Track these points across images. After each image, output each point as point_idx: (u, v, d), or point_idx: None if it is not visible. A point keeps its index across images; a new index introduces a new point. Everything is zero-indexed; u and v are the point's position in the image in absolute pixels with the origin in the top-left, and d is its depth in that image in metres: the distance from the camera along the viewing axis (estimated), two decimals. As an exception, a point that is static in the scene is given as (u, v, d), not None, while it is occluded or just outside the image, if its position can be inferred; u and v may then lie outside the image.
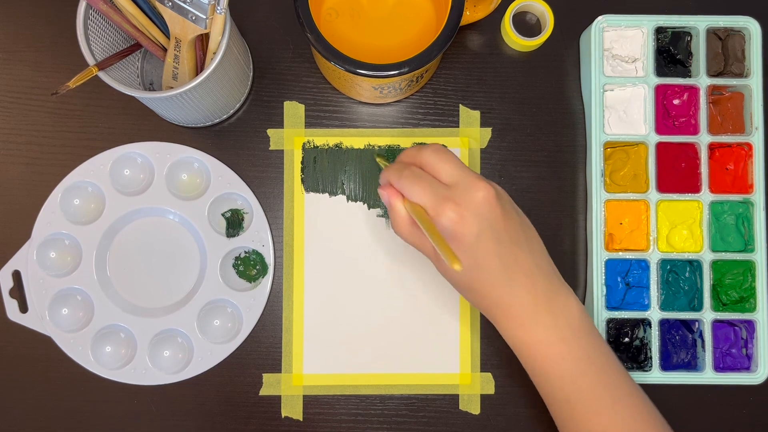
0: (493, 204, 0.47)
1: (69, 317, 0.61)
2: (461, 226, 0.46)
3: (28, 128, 0.63)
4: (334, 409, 0.61)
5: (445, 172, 0.48)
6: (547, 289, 0.49)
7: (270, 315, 0.62)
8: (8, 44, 0.63)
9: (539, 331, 0.48)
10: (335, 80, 0.61)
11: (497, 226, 0.47)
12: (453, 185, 0.47)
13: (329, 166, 0.62)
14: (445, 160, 0.48)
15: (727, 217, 0.61)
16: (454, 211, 0.46)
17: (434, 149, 0.49)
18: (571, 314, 0.49)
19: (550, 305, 0.48)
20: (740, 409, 0.61)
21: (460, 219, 0.46)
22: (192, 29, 0.52)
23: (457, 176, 0.48)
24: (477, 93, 0.63)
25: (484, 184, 0.47)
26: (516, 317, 0.49)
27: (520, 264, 0.48)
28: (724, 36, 0.61)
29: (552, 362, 0.49)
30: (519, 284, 0.48)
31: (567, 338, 0.48)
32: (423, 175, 0.48)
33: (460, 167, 0.48)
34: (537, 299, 0.48)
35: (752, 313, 0.60)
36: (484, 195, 0.47)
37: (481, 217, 0.46)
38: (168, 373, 0.60)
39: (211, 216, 0.61)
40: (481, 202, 0.47)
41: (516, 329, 0.49)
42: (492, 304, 0.49)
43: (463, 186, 0.47)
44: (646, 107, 0.61)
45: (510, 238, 0.48)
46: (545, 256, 0.50)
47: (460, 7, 0.53)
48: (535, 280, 0.48)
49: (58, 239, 0.61)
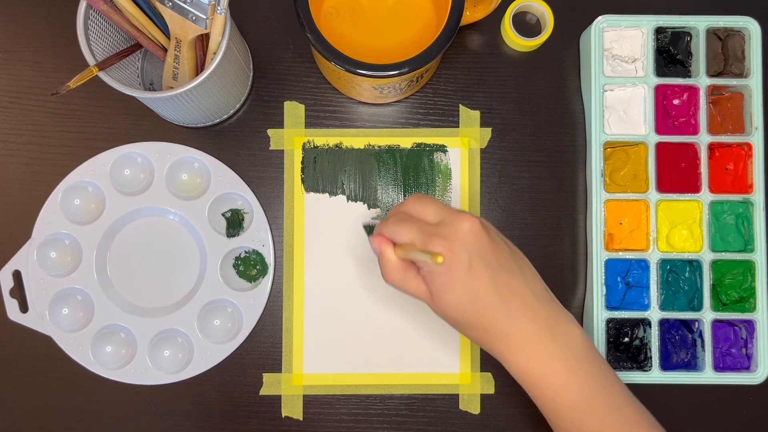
0: (479, 233, 0.47)
1: (69, 317, 0.61)
2: (451, 258, 0.46)
3: (28, 128, 0.63)
4: (334, 408, 0.61)
5: (430, 212, 0.49)
6: (548, 316, 0.48)
7: (270, 315, 0.62)
8: (8, 44, 0.63)
9: (545, 362, 0.48)
10: (335, 80, 0.61)
11: (487, 255, 0.47)
12: (439, 223, 0.48)
13: (329, 166, 0.63)
14: (427, 202, 0.50)
15: (726, 217, 0.61)
16: (443, 245, 0.46)
17: (415, 197, 0.50)
18: (574, 341, 0.48)
19: (552, 333, 0.48)
20: (740, 409, 0.61)
21: (449, 251, 0.46)
22: (192, 29, 0.52)
23: (441, 214, 0.48)
24: (477, 93, 0.63)
25: (468, 215, 0.48)
26: (520, 349, 0.48)
27: (516, 292, 0.48)
28: (724, 36, 0.61)
29: (559, 391, 0.48)
30: (518, 313, 0.48)
31: (572, 366, 0.48)
32: (409, 218, 0.49)
33: (442, 206, 0.49)
34: (539, 328, 0.48)
35: (752, 313, 0.60)
36: (470, 225, 0.47)
37: (469, 246, 0.47)
38: (168, 373, 0.60)
39: (211, 216, 0.61)
40: (468, 232, 0.47)
41: (521, 361, 0.48)
42: (494, 338, 0.49)
43: (449, 221, 0.48)
44: (646, 107, 0.61)
45: (501, 266, 0.48)
46: (540, 284, 0.50)
47: (460, 7, 0.53)
48: (534, 308, 0.48)
49: (58, 239, 0.61)
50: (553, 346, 0.48)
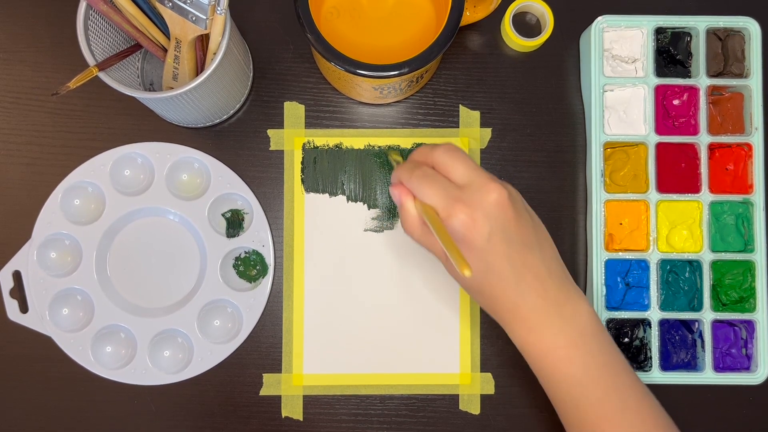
0: (505, 206, 0.46)
1: (69, 317, 0.61)
2: (472, 229, 0.46)
3: (28, 128, 0.63)
4: (334, 409, 0.61)
5: (458, 172, 0.47)
6: (558, 293, 0.48)
7: (270, 315, 0.62)
8: (8, 44, 0.63)
9: (548, 335, 0.48)
10: (335, 80, 0.61)
11: (509, 229, 0.47)
12: (465, 186, 0.47)
13: (329, 166, 0.63)
14: (457, 160, 0.48)
15: (726, 217, 0.61)
16: (465, 213, 0.46)
17: (447, 149, 0.48)
18: (581, 319, 0.48)
19: (560, 309, 0.48)
20: (740, 409, 0.61)
21: (471, 221, 0.46)
22: (192, 30, 0.52)
23: (470, 177, 0.47)
24: (477, 93, 0.63)
25: (496, 185, 0.47)
26: (525, 321, 0.48)
27: (530, 267, 0.47)
28: (724, 36, 0.61)
29: (561, 366, 0.48)
30: (529, 287, 0.47)
31: (576, 342, 0.48)
32: (434, 176, 0.48)
33: (473, 168, 0.48)
34: (547, 303, 0.48)
35: (752, 313, 0.60)
36: (497, 197, 0.46)
37: (492, 219, 0.46)
38: (168, 373, 0.60)
39: (211, 216, 0.61)
40: (493, 203, 0.46)
41: (525, 333, 0.49)
42: (501, 307, 0.49)
43: (476, 187, 0.47)
44: (646, 107, 0.61)
45: (521, 240, 0.47)
46: (557, 260, 0.50)
47: (460, 8, 0.53)
48: (545, 283, 0.48)
49: (58, 239, 0.61)
50: (558, 321, 0.48)
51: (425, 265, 0.62)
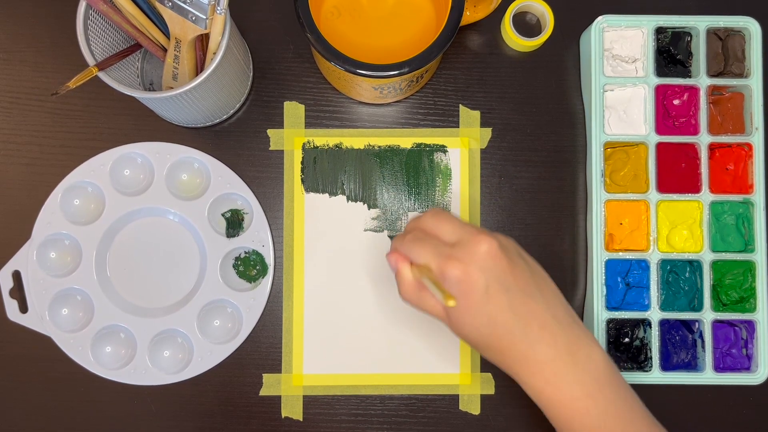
0: (497, 256, 0.46)
1: (69, 317, 0.61)
2: (467, 283, 0.45)
3: (28, 128, 0.63)
4: (334, 409, 0.61)
5: (446, 231, 0.48)
6: (568, 340, 0.47)
7: (270, 315, 0.62)
8: (8, 44, 0.63)
9: (564, 386, 0.47)
10: (335, 80, 0.61)
11: (505, 278, 0.46)
12: (455, 243, 0.47)
13: (329, 166, 0.62)
14: (443, 219, 0.48)
15: (727, 217, 0.60)
16: (459, 268, 0.45)
17: (433, 213, 0.49)
18: (595, 365, 0.47)
19: (573, 358, 0.47)
20: (740, 409, 0.61)
21: (465, 275, 0.45)
22: (192, 29, 0.52)
23: (459, 234, 0.47)
24: (477, 93, 0.63)
25: (486, 237, 0.46)
26: (538, 372, 0.47)
27: (534, 315, 0.47)
28: (724, 36, 0.61)
29: (576, 416, 0.47)
30: (536, 337, 0.47)
31: (593, 392, 0.47)
32: (425, 237, 0.48)
33: (460, 225, 0.48)
34: (558, 353, 0.47)
35: (752, 313, 0.60)
36: (487, 248, 0.46)
37: (486, 270, 0.46)
38: (168, 374, 0.60)
39: (211, 216, 0.61)
40: (485, 255, 0.46)
41: (541, 385, 0.47)
42: (512, 360, 0.48)
43: (465, 242, 0.46)
44: (646, 107, 0.61)
45: (520, 288, 0.47)
46: (562, 305, 0.49)
47: (460, 7, 0.53)
48: (553, 332, 0.47)
49: (58, 239, 0.61)
50: (573, 371, 0.47)
51: (425, 265, 0.62)
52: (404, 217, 0.62)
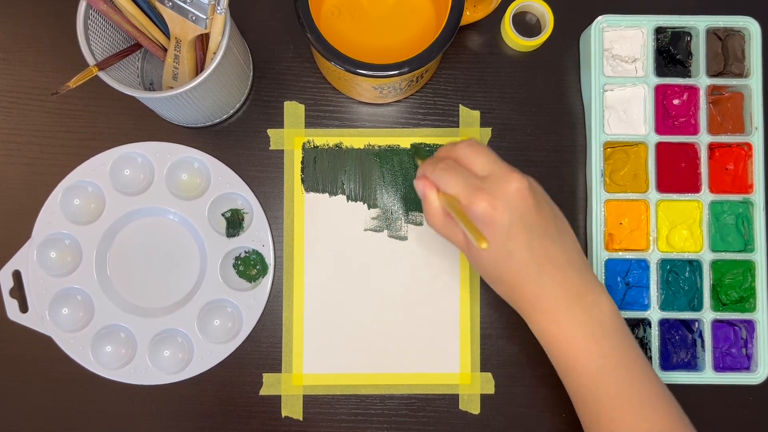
0: (525, 196, 0.47)
1: (69, 317, 0.61)
2: (493, 216, 0.47)
3: (28, 128, 0.63)
4: (334, 408, 0.61)
5: (479, 163, 0.49)
6: (579, 283, 0.49)
7: (270, 315, 0.62)
8: (8, 44, 0.63)
9: (568, 325, 0.48)
10: (335, 80, 0.61)
11: (529, 218, 0.47)
12: (486, 177, 0.48)
13: (329, 166, 0.63)
14: (478, 152, 0.49)
15: (726, 217, 0.61)
16: (486, 200, 0.47)
17: (469, 143, 0.50)
18: (601, 311, 0.49)
19: (580, 300, 0.48)
20: (740, 409, 0.61)
21: (491, 209, 0.47)
22: (192, 29, 0.52)
23: (491, 168, 0.48)
24: (477, 93, 0.63)
25: (517, 175, 0.48)
26: (545, 311, 0.49)
27: (551, 256, 0.48)
28: (724, 36, 0.61)
29: (580, 358, 0.48)
30: (549, 276, 0.48)
31: (596, 334, 0.48)
32: (456, 167, 0.49)
33: (494, 160, 0.49)
34: (568, 293, 0.48)
35: (752, 313, 0.60)
36: (517, 186, 0.47)
37: (512, 207, 0.47)
38: (168, 373, 0.60)
39: (211, 216, 0.61)
40: (514, 193, 0.47)
41: (545, 323, 0.49)
42: (521, 297, 0.49)
43: (497, 177, 0.48)
44: (646, 107, 0.61)
45: (542, 230, 0.48)
46: (578, 251, 0.50)
47: (460, 7, 0.53)
48: (566, 273, 0.48)
49: (58, 239, 0.61)
50: (579, 313, 0.48)
51: (425, 265, 0.62)
52: (404, 217, 0.62)
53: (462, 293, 0.62)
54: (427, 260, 0.62)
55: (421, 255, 0.62)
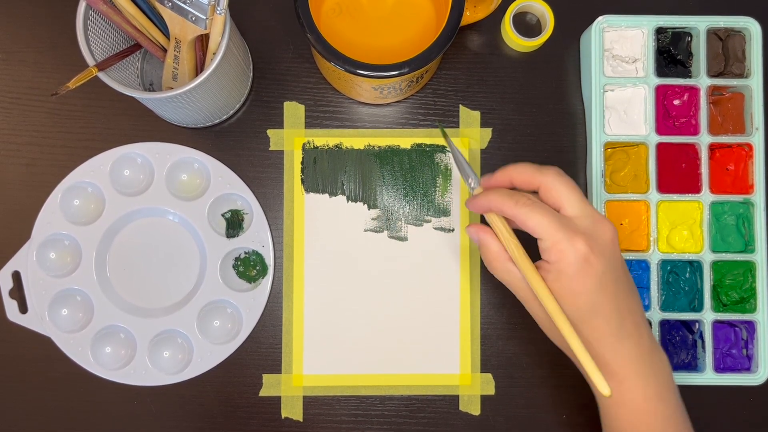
0: (617, 246, 0.45)
1: (69, 318, 0.61)
2: (588, 264, 0.43)
3: (28, 128, 0.63)
4: (334, 409, 0.61)
5: (573, 201, 0.44)
6: (650, 342, 0.47)
7: (270, 315, 0.62)
8: (8, 44, 0.63)
9: (640, 387, 0.46)
10: (335, 80, 0.61)
11: (618, 270, 0.45)
12: (575, 218, 0.44)
13: (329, 166, 0.62)
14: (573, 188, 0.45)
15: (727, 217, 0.60)
16: (585, 245, 0.43)
17: (559, 173, 0.45)
18: (664, 371, 0.48)
19: (651, 361, 0.47)
20: (740, 409, 0.61)
21: (588, 255, 0.43)
22: (192, 30, 0.52)
23: (583, 210, 0.44)
24: (477, 93, 0.63)
25: (610, 224, 0.45)
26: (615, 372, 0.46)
27: (631, 310, 0.46)
28: (725, 36, 0.61)
29: (645, 418, 0.47)
30: (628, 335, 0.46)
31: (663, 395, 0.47)
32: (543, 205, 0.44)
33: (585, 200, 0.45)
34: (642, 353, 0.46)
35: (752, 313, 0.60)
36: (612, 236, 0.44)
37: (607, 257, 0.44)
38: (168, 374, 0.60)
39: (210, 216, 0.61)
40: (609, 241, 0.44)
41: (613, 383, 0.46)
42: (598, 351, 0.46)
43: (591, 221, 0.44)
44: (647, 108, 0.61)
45: (626, 283, 0.46)
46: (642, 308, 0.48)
47: (460, 8, 0.53)
48: (641, 331, 0.46)
49: (57, 239, 0.61)
50: (650, 372, 0.47)
51: (425, 265, 0.62)
52: (404, 217, 0.62)
53: (462, 294, 0.62)
54: (427, 261, 0.62)
55: (421, 256, 0.62)
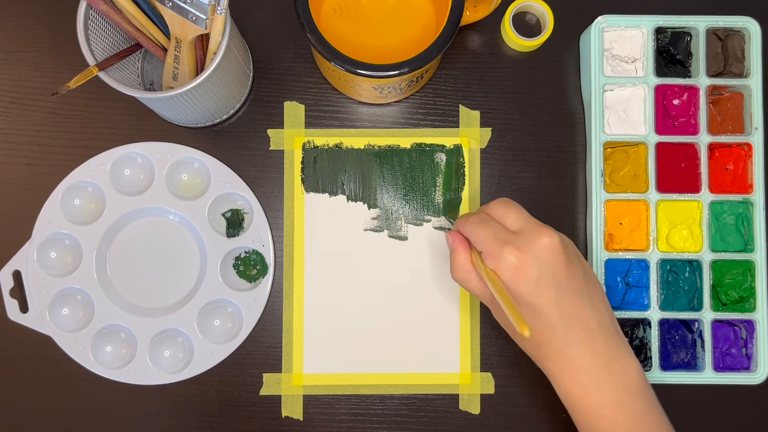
0: (556, 251, 0.47)
1: (69, 317, 0.61)
2: (521, 270, 0.46)
3: (28, 128, 0.63)
4: (334, 408, 0.61)
5: (512, 219, 0.49)
6: (607, 348, 0.47)
7: (270, 315, 0.62)
8: (8, 44, 0.63)
9: (596, 392, 0.47)
10: (335, 80, 0.61)
11: (558, 274, 0.46)
12: (518, 232, 0.48)
13: (329, 166, 0.63)
14: (511, 209, 0.49)
15: (726, 217, 0.61)
16: (515, 255, 0.46)
17: (502, 201, 0.50)
18: (628, 377, 0.48)
19: (608, 366, 0.47)
20: (740, 409, 0.61)
21: (520, 263, 0.46)
22: (192, 29, 0.52)
23: (523, 224, 0.48)
24: (477, 93, 0.63)
25: (549, 231, 0.47)
26: (572, 372, 0.48)
27: (579, 316, 0.47)
28: (724, 36, 0.61)
29: (605, 424, 0.48)
30: (578, 338, 0.47)
31: (622, 401, 0.47)
32: (489, 221, 0.49)
33: (526, 216, 0.49)
34: (595, 358, 0.47)
35: (752, 312, 0.60)
36: (548, 242, 0.46)
37: (541, 262, 0.46)
38: (168, 373, 0.60)
39: (211, 216, 0.61)
40: (544, 248, 0.46)
41: (572, 386, 0.48)
42: (547, 356, 0.48)
43: (528, 232, 0.47)
44: (646, 107, 0.61)
45: (570, 287, 0.47)
46: (608, 313, 0.49)
47: (460, 8, 0.53)
48: (594, 337, 0.47)
49: (58, 239, 0.61)
50: (607, 379, 0.47)
51: (425, 265, 0.62)
52: (404, 217, 0.62)
53: (462, 293, 0.62)
54: (427, 260, 0.62)
55: (421, 255, 0.62)
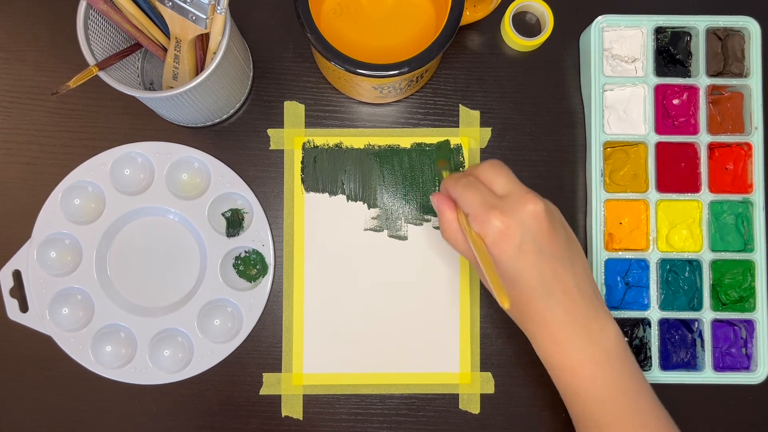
0: (540, 217, 0.47)
1: (69, 317, 0.61)
2: (504, 235, 0.47)
3: (28, 128, 0.63)
4: (334, 408, 0.61)
5: (500, 183, 0.49)
6: (586, 310, 0.48)
7: (270, 314, 0.62)
8: (8, 44, 0.63)
9: (574, 352, 0.48)
10: (335, 80, 0.61)
11: (541, 239, 0.47)
12: (505, 196, 0.48)
13: (329, 166, 0.63)
14: (499, 172, 0.49)
15: (726, 216, 0.61)
16: (500, 219, 0.47)
17: (491, 163, 0.50)
18: (608, 338, 0.49)
19: (587, 328, 0.48)
20: (740, 408, 0.62)
21: (504, 227, 0.47)
22: (192, 29, 0.52)
23: (510, 188, 0.49)
24: (477, 93, 0.63)
25: (534, 197, 0.48)
26: (551, 335, 0.49)
27: (560, 280, 0.48)
28: (724, 36, 0.61)
29: (583, 384, 0.49)
30: (557, 301, 0.48)
31: (600, 361, 0.48)
32: (477, 184, 0.49)
33: (513, 181, 0.49)
34: (575, 320, 0.48)
35: (752, 312, 0.60)
36: (533, 208, 0.47)
37: (525, 228, 0.47)
38: (168, 373, 0.60)
39: (211, 216, 0.61)
40: (529, 213, 0.47)
41: (551, 347, 0.49)
42: (528, 318, 0.49)
43: (514, 198, 0.48)
44: (646, 107, 0.61)
45: (552, 252, 0.48)
46: (588, 278, 0.50)
47: (460, 7, 0.53)
48: (574, 299, 0.48)
49: (58, 239, 0.61)
50: (584, 338, 0.48)
51: (425, 265, 0.62)
52: (404, 216, 0.62)
53: (462, 293, 0.62)
54: (427, 260, 0.62)
55: (421, 255, 0.62)
